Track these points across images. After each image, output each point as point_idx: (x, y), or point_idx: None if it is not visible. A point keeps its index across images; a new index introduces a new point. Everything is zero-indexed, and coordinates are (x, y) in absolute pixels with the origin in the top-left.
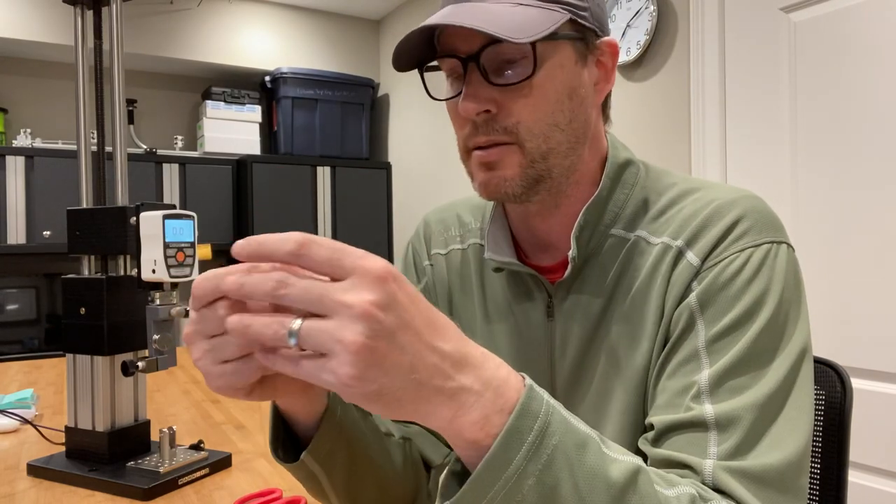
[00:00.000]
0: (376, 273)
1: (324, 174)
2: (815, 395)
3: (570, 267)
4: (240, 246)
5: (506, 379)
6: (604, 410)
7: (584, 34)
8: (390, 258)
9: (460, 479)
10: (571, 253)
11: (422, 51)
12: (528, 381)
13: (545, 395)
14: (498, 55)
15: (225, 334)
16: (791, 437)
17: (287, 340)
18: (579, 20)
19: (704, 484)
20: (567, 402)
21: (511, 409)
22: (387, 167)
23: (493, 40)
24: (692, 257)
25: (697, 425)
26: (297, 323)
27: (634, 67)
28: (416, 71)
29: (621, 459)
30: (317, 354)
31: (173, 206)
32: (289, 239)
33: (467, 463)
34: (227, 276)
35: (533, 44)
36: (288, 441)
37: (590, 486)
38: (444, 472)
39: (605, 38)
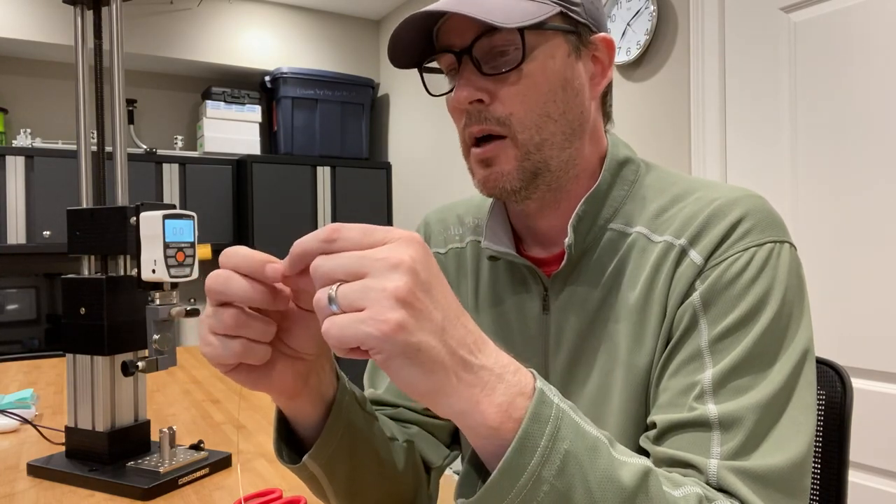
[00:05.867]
0: (411, 237)
1: (324, 174)
2: (816, 395)
3: (566, 256)
4: (289, 260)
5: (520, 368)
6: (603, 407)
7: (578, 28)
8: None
9: (481, 476)
10: (568, 241)
11: (421, 48)
12: (539, 382)
13: (555, 397)
14: (491, 48)
15: (220, 307)
16: (795, 438)
17: (328, 306)
18: (571, 14)
19: (709, 483)
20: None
21: (531, 394)
22: (387, 167)
23: (485, 31)
24: (695, 256)
25: (701, 425)
26: (334, 287)
27: (634, 67)
28: (415, 70)
29: (630, 462)
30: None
31: (173, 206)
32: (320, 231)
33: (485, 454)
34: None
35: (522, 33)
36: (291, 442)
37: (602, 489)
38: (461, 472)
39: (600, 34)
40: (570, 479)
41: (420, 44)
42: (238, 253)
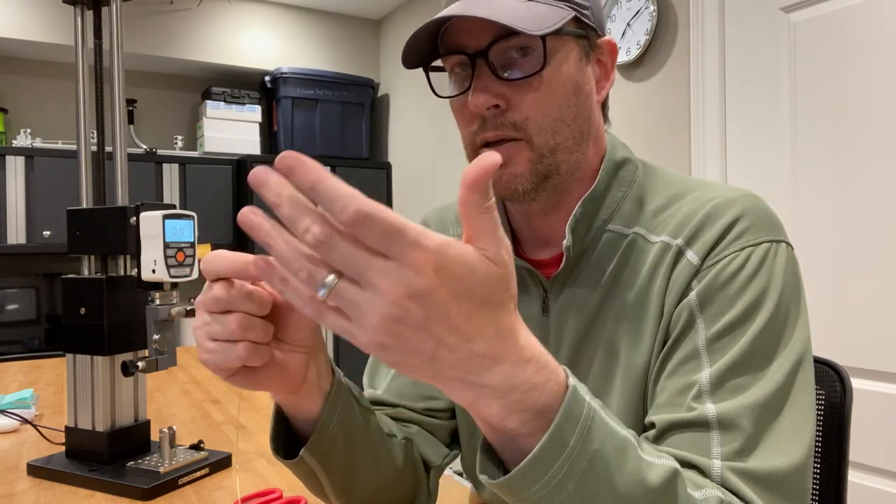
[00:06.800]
0: (418, 265)
1: None
2: (815, 394)
3: (565, 258)
4: (289, 162)
5: (539, 383)
6: None
7: (587, 32)
8: None
9: (488, 453)
10: (566, 243)
11: (427, 49)
12: (572, 382)
13: (587, 396)
14: (506, 50)
15: (219, 314)
16: (795, 439)
17: (317, 289)
18: (583, 18)
19: None
20: None
21: (539, 409)
22: (387, 167)
23: (502, 35)
24: (692, 256)
25: (700, 425)
26: (331, 278)
27: (634, 67)
28: (416, 70)
29: (657, 463)
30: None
31: (173, 206)
32: (346, 205)
33: (490, 440)
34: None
35: (543, 38)
36: (288, 439)
37: (629, 491)
38: (478, 448)
39: (605, 38)
40: (597, 479)
41: (427, 45)
42: (221, 257)
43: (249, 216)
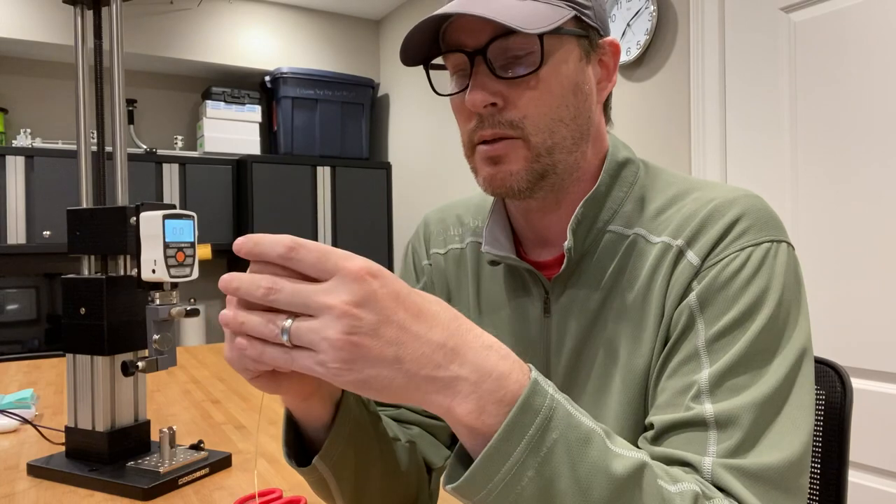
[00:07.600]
0: (354, 273)
1: (324, 174)
2: (815, 394)
3: (566, 259)
4: (239, 244)
5: (507, 372)
6: (602, 408)
7: (588, 32)
8: (390, 258)
9: (464, 463)
10: (567, 244)
11: (428, 47)
12: (534, 374)
13: (550, 389)
14: (505, 49)
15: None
16: (792, 436)
17: (281, 337)
18: (584, 18)
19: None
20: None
21: (510, 400)
22: (387, 167)
23: (501, 34)
24: (692, 257)
25: (697, 424)
26: (288, 322)
27: (634, 67)
28: (416, 70)
29: (625, 455)
30: (308, 349)
31: (173, 206)
32: (279, 243)
33: (469, 449)
34: (231, 279)
35: (540, 37)
36: (299, 445)
37: (590, 480)
38: (451, 455)
39: (608, 38)
40: (557, 467)
41: (428, 42)
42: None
43: (227, 318)
